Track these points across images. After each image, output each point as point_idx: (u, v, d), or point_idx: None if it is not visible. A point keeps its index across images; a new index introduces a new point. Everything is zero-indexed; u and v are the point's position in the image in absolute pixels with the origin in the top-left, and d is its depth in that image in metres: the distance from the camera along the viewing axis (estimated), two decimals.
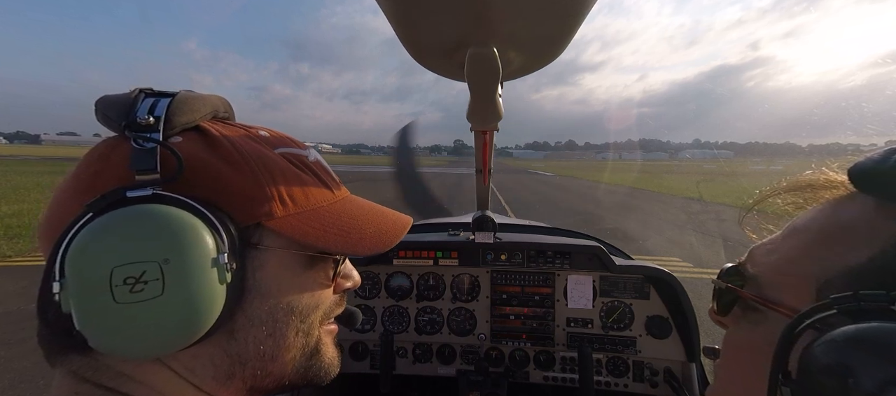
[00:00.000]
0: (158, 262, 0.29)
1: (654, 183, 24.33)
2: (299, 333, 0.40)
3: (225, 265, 0.32)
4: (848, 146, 0.40)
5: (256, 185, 0.35)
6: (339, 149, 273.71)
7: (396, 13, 0.35)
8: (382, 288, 1.29)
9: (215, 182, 0.34)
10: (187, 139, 0.35)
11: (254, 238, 0.36)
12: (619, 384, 1.18)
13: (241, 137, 0.38)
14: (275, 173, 0.37)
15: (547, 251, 1.21)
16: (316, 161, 0.44)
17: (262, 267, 0.36)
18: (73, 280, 0.28)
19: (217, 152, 0.35)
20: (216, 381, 0.36)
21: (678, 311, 1.13)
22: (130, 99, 0.34)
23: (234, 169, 0.35)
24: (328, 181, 0.44)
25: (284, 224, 0.37)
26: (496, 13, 0.33)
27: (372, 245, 0.42)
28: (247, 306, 0.36)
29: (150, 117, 0.33)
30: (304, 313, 0.40)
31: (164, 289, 0.29)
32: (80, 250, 0.29)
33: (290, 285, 0.38)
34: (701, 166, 58.25)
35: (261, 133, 0.41)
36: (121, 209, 0.30)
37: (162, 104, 0.34)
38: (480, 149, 0.84)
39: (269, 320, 0.37)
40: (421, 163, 2.96)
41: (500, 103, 0.52)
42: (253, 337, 0.36)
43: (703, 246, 7.09)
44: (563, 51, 0.41)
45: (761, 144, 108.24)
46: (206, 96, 0.38)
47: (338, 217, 0.41)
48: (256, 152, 0.37)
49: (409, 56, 0.42)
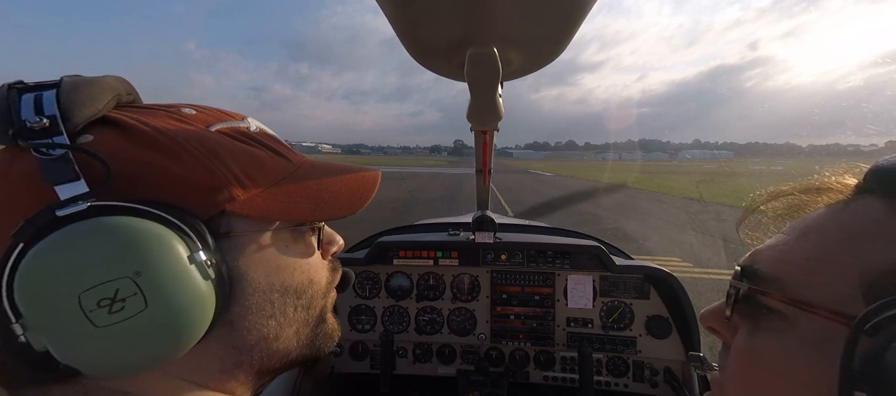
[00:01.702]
0: (129, 277, 0.27)
1: (655, 183, 24.34)
2: (298, 308, 0.39)
3: (203, 261, 0.30)
4: (848, 146, 0.40)
5: (205, 171, 0.32)
6: (339, 149, 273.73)
7: (396, 13, 0.35)
8: (382, 287, 1.29)
9: (156, 178, 0.30)
10: (100, 135, 0.30)
11: (222, 227, 0.33)
12: (619, 384, 1.18)
13: (167, 121, 0.34)
14: (221, 153, 0.34)
15: (547, 251, 1.21)
16: (259, 130, 0.40)
17: (242, 254, 0.34)
18: (36, 318, 0.26)
19: (145, 144, 0.31)
20: (223, 373, 0.35)
21: (678, 311, 1.13)
22: (2, 100, 0.28)
23: (175, 159, 0.31)
24: (281, 149, 0.40)
25: (250, 205, 0.34)
26: (496, 13, 0.34)
27: (348, 204, 0.41)
28: (240, 296, 0.34)
29: (43, 119, 0.28)
30: (300, 289, 0.39)
31: (146, 302, 0.27)
32: (33, 285, 0.26)
33: (276, 265, 0.37)
34: (701, 166, 58.34)
35: (185, 111, 0.36)
36: (61, 230, 0.26)
37: (48, 99, 0.29)
38: (480, 149, 0.84)
39: (266, 304, 0.36)
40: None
41: (500, 103, 0.52)
42: (254, 324, 0.35)
43: (703, 246, 7.09)
44: (563, 51, 0.41)
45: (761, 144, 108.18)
46: (101, 80, 0.33)
47: (302, 184, 0.39)
48: (192, 135, 0.33)
49: (409, 56, 0.42)
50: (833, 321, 0.27)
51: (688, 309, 1.10)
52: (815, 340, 0.28)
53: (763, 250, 0.36)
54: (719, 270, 5.33)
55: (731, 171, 33.20)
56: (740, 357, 0.35)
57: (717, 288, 4.36)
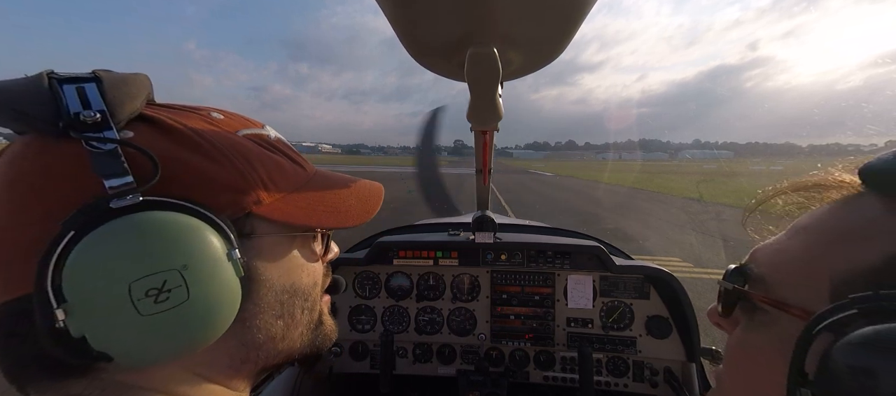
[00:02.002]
0: (177, 269, 0.28)
1: (655, 183, 24.34)
2: (304, 310, 0.41)
3: (238, 259, 0.32)
4: (848, 146, 0.39)
5: (238, 175, 0.34)
6: (340, 149, 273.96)
7: (396, 13, 0.35)
8: (382, 288, 1.29)
9: (194, 177, 0.32)
10: (140, 133, 0.31)
11: (246, 228, 0.35)
12: (619, 384, 1.18)
13: (201, 123, 0.35)
14: (251, 159, 0.36)
15: (547, 251, 1.21)
16: (277, 138, 0.42)
17: (260, 255, 0.36)
18: (84, 302, 0.26)
19: (183, 143, 0.32)
20: (231, 369, 0.36)
21: (678, 311, 1.13)
22: (45, 88, 0.28)
23: (211, 160, 0.33)
24: (297, 159, 0.43)
25: (273, 209, 0.36)
26: (496, 13, 0.34)
27: (358, 215, 0.43)
28: (254, 294, 0.35)
29: (95, 113, 0.29)
30: (306, 291, 0.41)
31: (189, 294, 0.29)
32: (86, 271, 0.26)
33: (288, 267, 0.39)
34: (701, 166, 58.37)
35: (214, 115, 0.38)
36: (115, 221, 0.27)
37: (91, 93, 0.29)
38: (480, 149, 0.84)
39: (277, 304, 0.37)
40: (440, 161, 2.84)
41: (500, 103, 0.52)
42: (264, 323, 0.37)
43: (703, 246, 7.10)
44: (563, 51, 0.41)
45: (761, 144, 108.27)
46: (135, 77, 0.33)
47: (319, 193, 0.41)
48: (225, 138, 0.35)
49: (409, 56, 0.42)
50: (803, 320, 0.28)
51: (688, 309, 1.10)
52: (791, 337, 0.29)
53: (760, 248, 0.37)
54: (719, 270, 5.32)
55: (731, 171, 33.21)
56: (733, 350, 0.37)
57: (717, 288, 4.35)
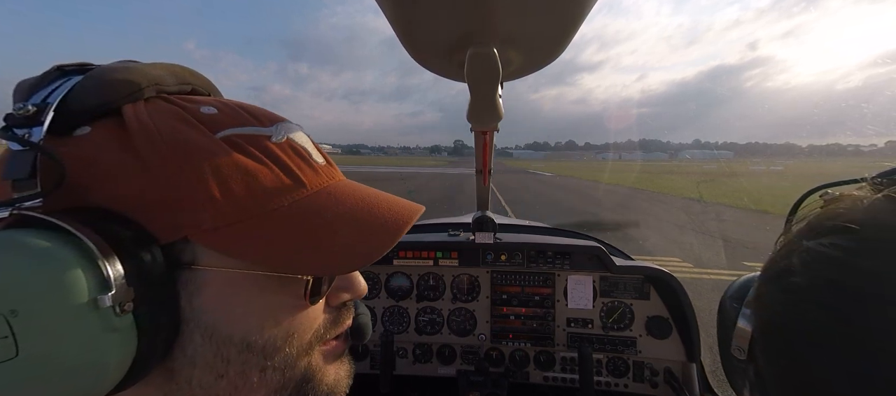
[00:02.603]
0: (3, 314, 0.21)
1: (655, 183, 24.35)
2: (267, 371, 0.31)
3: (112, 307, 0.23)
4: (848, 146, 0.37)
5: (175, 186, 0.27)
6: (340, 149, 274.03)
7: (396, 13, 0.35)
8: (382, 288, 1.29)
9: (117, 186, 0.26)
10: (98, 129, 0.28)
11: (184, 256, 0.27)
12: (619, 384, 1.18)
13: (171, 120, 0.29)
14: (203, 167, 0.28)
15: (547, 251, 1.21)
16: (285, 141, 0.33)
17: (200, 292, 0.28)
18: None
19: (126, 145, 0.27)
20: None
21: (678, 311, 1.13)
22: (35, 81, 0.27)
23: (145, 167, 0.27)
24: (298, 168, 0.32)
25: (220, 236, 0.27)
26: (496, 13, 0.33)
27: (347, 259, 0.31)
28: (185, 342, 0.28)
29: (28, 106, 0.25)
30: (270, 348, 0.31)
31: (17, 350, 0.21)
32: None
33: (243, 313, 0.29)
34: (701, 166, 58.33)
35: (203, 110, 0.31)
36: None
37: (65, 86, 0.27)
38: (480, 150, 0.84)
39: (218, 361, 0.29)
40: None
41: (500, 103, 0.52)
42: (198, 382, 0.28)
43: (703, 246, 7.09)
44: (563, 51, 0.41)
45: (761, 144, 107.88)
46: (143, 68, 0.30)
47: (302, 220, 0.30)
48: (184, 140, 0.28)
49: (409, 56, 0.42)
50: None
51: (688, 309, 1.10)
52: None
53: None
54: (719, 270, 5.33)
55: (731, 171, 33.22)
56: None
57: (717, 288, 4.36)
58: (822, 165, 11.94)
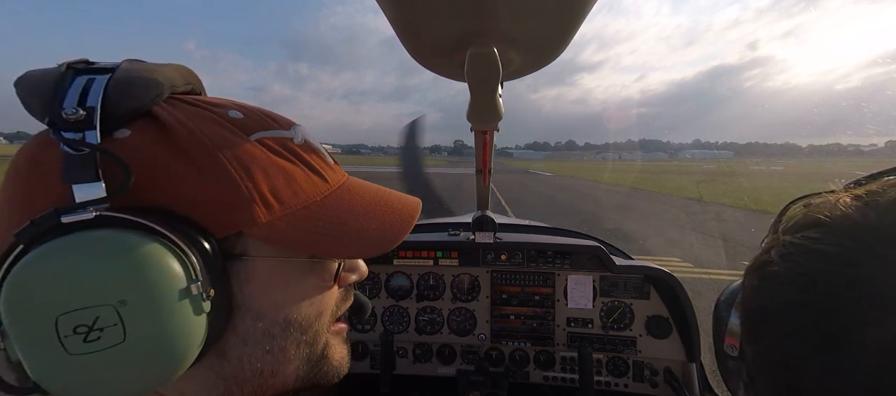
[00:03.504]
0: (113, 305, 0.24)
1: (655, 183, 24.35)
2: (301, 345, 0.36)
3: (200, 294, 0.27)
4: (848, 146, 0.37)
5: (231, 187, 0.29)
6: (340, 149, 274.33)
7: (397, 13, 0.35)
8: (382, 288, 1.29)
9: (179, 188, 0.28)
10: (137, 132, 0.28)
11: (236, 248, 0.31)
12: (619, 384, 1.18)
13: (207, 123, 0.31)
14: (253, 168, 0.31)
15: (547, 251, 1.21)
16: (303, 143, 0.36)
17: (250, 280, 0.32)
18: (14, 330, 0.24)
19: (177, 147, 0.29)
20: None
21: (678, 311, 1.13)
22: (52, 81, 0.27)
23: (201, 168, 0.29)
24: (320, 167, 0.37)
25: (270, 229, 0.31)
26: (496, 13, 0.34)
27: (375, 244, 0.36)
28: (238, 325, 0.31)
29: (79, 110, 0.26)
30: (306, 324, 0.35)
31: (125, 335, 0.24)
32: (15, 295, 0.23)
33: (285, 296, 0.34)
34: (701, 166, 58.29)
35: (231, 114, 0.33)
36: (58, 240, 0.24)
37: (97, 86, 0.27)
38: (480, 150, 0.84)
39: (265, 338, 0.33)
40: (425, 162, 2.91)
41: (500, 103, 0.52)
42: (248, 357, 0.32)
43: (703, 245, 7.09)
44: (563, 51, 0.41)
45: (761, 144, 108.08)
46: (158, 68, 0.31)
47: (334, 212, 0.35)
48: (227, 142, 0.31)
49: (409, 56, 0.42)
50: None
51: (688, 309, 1.10)
52: None
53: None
54: (719, 270, 5.33)
55: (731, 171, 33.22)
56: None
57: (717, 288, 4.36)
58: (822, 165, 12.01)
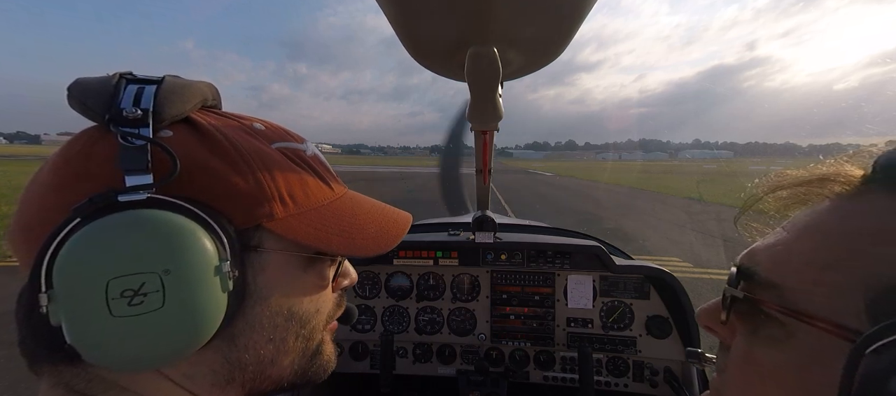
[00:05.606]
0: (158, 273, 0.27)
1: (655, 183, 24.34)
2: (299, 338, 0.39)
3: (228, 273, 0.31)
4: (848, 146, 0.37)
5: (256, 185, 0.34)
6: (339, 149, 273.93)
7: (397, 13, 0.35)
8: (382, 287, 1.29)
9: (213, 182, 0.32)
10: (178, 133, 0.33)
11: (253, 240, 0.34)
12: (619, 384, 1.18)
13: (237, 131, 0.36)
14: (274, 171, 0.35)
15: (547, 251, 1.21)
16: (313, 155, 0.42)
17: (263, 270, 0.35)
18: (64, 292, 0.27)
19: (213, 148, 0.33)
20: (215, 387, 0.35)
21: (678, 311, 1.13)
22: (111, 86, 0.31)
23: (232, 167, 0.33)
24: (327, 177, 0.42)
25: (285, 225, 0.35)
26: (496, 13, 0.33)
27: (374, 245, 0.41)
28: (248, 311, 0.34)
29: (137, 110, 0.30)
30: (305, 318, 0.39)
31: (164, 301, 0.28)
32: (73, 260, 0.27)
33: (290, 288, 0.37)
34: (701, 166, 58.30)
35: (256, 126, 0.39)
36: (114, 215, 0.28)
37: (148, 93, 0.31)
38: (480, 149, 0.84)
39: (270, 325, 0.36)
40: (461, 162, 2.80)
41: (500, 103, 0.52)
42: (253, 343, 0.35)
43: (702, 245, 7.09)
44: (563, 51, 0.41)
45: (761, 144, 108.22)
46: (195, 84, 0.36)
47: (338, 216, 0.40)
48: (255, 148, 0.35)
49: (408, 55, 0.42)
50: (834, 335, 0.25)
51: (688, 309, 1.10)
52: (815, 354, 0.26)
53: (761, 248, 0.33)
54: (719, 270, 5.33)
55: (731, 171, 33.23)
56: (739, 366, 0.33)
57: (717, 288, 4.36)
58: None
